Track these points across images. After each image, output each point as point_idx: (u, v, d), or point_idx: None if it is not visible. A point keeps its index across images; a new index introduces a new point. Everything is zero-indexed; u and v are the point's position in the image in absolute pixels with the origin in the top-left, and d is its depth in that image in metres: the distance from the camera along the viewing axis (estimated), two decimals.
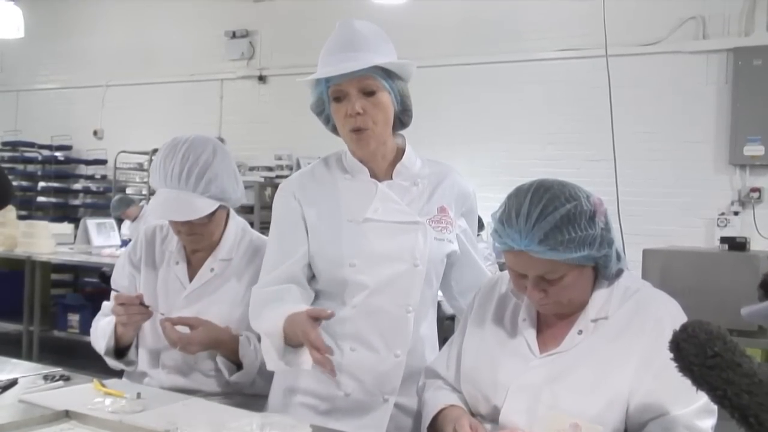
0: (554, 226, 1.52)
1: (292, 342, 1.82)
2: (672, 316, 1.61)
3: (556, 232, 1.52)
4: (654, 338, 1.55)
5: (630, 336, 1.59)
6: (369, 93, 1.86)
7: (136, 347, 2.26)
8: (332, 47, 1.88)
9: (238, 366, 2.14)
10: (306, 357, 1.79)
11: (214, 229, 2.20)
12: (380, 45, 1.89)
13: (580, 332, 1.63)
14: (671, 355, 1.27)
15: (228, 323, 2.14)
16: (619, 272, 1.66)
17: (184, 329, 2.08)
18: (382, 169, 1.97)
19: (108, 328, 2.21)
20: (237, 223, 2.29)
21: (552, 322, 1.69)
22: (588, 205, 1.57)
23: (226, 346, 2.12)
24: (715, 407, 1.49)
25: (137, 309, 2.10)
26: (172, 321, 2.08)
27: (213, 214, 2.13)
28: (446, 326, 5.17)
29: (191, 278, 2.23)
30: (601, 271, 1.63)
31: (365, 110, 1.85)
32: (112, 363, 2.26)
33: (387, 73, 1.88)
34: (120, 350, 2.24)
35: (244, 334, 2.15)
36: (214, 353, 2.14)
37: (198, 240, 2.19)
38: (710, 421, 1.54)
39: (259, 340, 2.03)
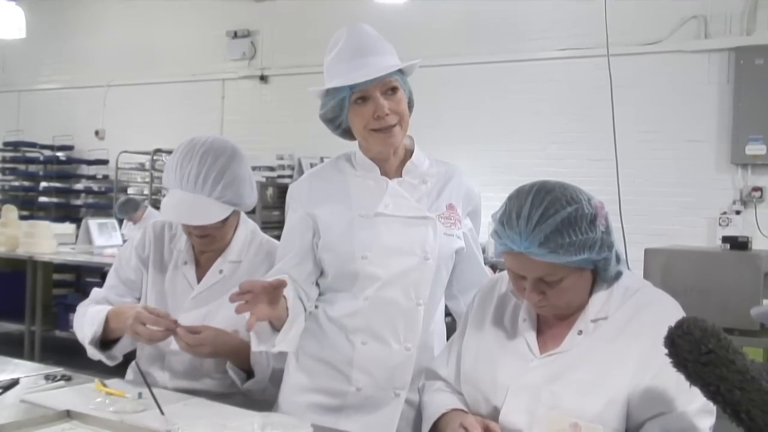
0: (555, 229, 1.52)
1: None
2: (671, 315, 1.60)
3: (556, 235, 1.52)
4: (653, 338, 1.55)
5: (629, 336, 1.59)
6: (391, 92, 1.91)
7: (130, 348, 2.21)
8: (348, 53, 1.91)
9: (249, 374, 2.12)
10: (288, 338, 1.85)
11: (227, 232, 2.19)
12: (387, 46, 1.95)
13: (580, 332, 1.63)
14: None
15: (237, 327, 2.10)
16: (619, 274, 1.65)
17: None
18: (393, 167, 2.01)
19: (98, 316, 2.15)
20: (247, 225, 2.27)
21: (552, 323, 1.69)
22: (589, 208, 1.57)
23: (237, 353, 2.08)
24: (714, 407, 1.49)
25: (164, 331, 2.03)
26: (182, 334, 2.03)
27: (227, 218, 2.12)
28: (446, 325, 5.17)
29: (199, 279, 2.20)
30: (601, 273, 1.63)
31: (390, 109, 1.91)
32: (93, 352, 2.18)
33: (400, 72, 1.94)
34: (106, 342, 2.18)
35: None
36: (223, 359, 2.11)
37: (209, 242, 2.17)
38: (709, 421, 1.54)
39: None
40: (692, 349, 1.23)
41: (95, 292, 2.32)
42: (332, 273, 1.98)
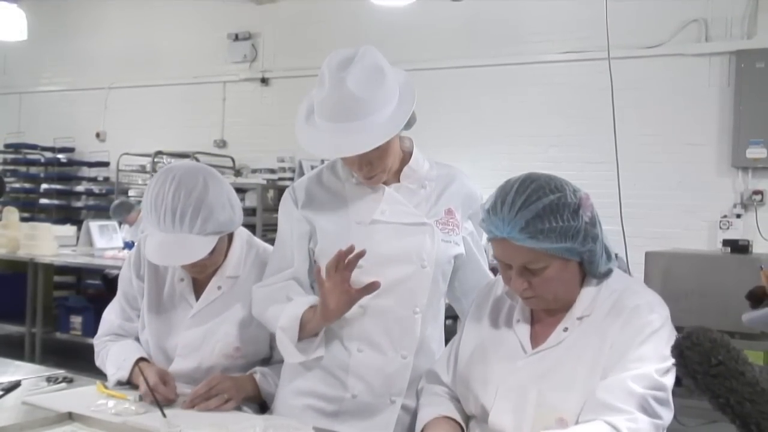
0: (536, 214, 1.55)
1: (305, 334, 1.88)
2: (649, 303, 1.63)
3: (537, 221, 1.55)
4: (622, 321, 1.59)
5: (606, 327, 1.62)
6: (374, 153, 1.85)
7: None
8: (328, 112, 1.81)
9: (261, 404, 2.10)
10: (319, 345, 1.89)
11: (218, 258, 2.11)
12: (378, 97, 1.81)
13: (565, 329, 1.66)
14: (639, 336, 1.28)
15: (238, 343, 2.10)
16: (609, 272, 1.67)
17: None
18: (390, 173, 1.98)
19: (124, 365, 2.10)
20: (242, 236, 2.20)
21: (544, 320, 1.71)
22: (573, 198, 1.59)
23: (246, 389, 2.05)
24: (672, 375, 1.52)
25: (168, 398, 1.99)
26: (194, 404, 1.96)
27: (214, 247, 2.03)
28: (447, 327, 5.17)
29: (197, 296, 2.14)
30: (587, 267, 1.65)
31: (372, 163, 1.88)
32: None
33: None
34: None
35: (258, 372, 2.09)
36: (227, 372, 2.08)
37: (203, 271, 2.11)
38: (646, 381, 1.54)
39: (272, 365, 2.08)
40: (702, 361, 1.22)
41: (107, 321, 2.28)
42: None
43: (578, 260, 1.63)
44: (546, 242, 1.55)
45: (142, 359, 2.12)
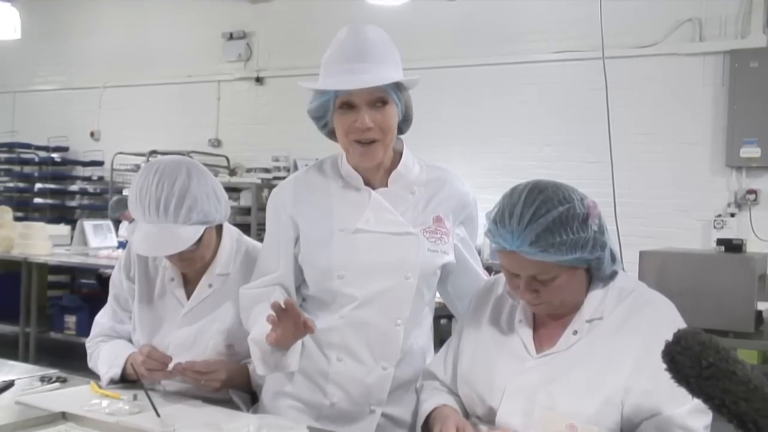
0: (546, 228, 1.53)
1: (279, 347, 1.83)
2: (667, 316, 1.62)
3: (547, 234, 1.53)
4: (648, 339, 1.56)
5: (625, 336, 1.60)
6: (379, 105, 1.83)
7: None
8: (343, 55, 1.82)
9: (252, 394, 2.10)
10: (291, 360, 1.82)
11: (206, 251, 2.10)
12: (390, 54, 1.85)
13: (575, 333, 1.64)
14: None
15: (231, 341, 2.09)
16: (614, 273, 1.66)
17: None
18: (378, 176, 1.94)
19: (116, 362, 2.11)
20: (231, 234, 2.20)
21: (548, 323, 1.69)
22: (581, 208, 1.57)
23: (239, 377, 2.07)
24: None
25: (161, 373, 2.03)
26: (184, 366, 2.00)
27: (200, 238, 2.02)
28: (442, 326, 5.18)
29: (188, 295, 2.14)
30: (594, 272, 1.64)
31: (374, 122, 1.82)
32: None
33: (396, 85, 1.85)
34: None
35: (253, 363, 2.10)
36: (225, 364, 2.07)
37: (190, 265, 2.10)
38: (704, 420, 1.54)
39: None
40: (693, 365, 1.23)
41: (99, 324, 2.28)
42: (311, 286, 1.94)
43: (586, 267, 1.62)
44: (557, 255, 1.54)
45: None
